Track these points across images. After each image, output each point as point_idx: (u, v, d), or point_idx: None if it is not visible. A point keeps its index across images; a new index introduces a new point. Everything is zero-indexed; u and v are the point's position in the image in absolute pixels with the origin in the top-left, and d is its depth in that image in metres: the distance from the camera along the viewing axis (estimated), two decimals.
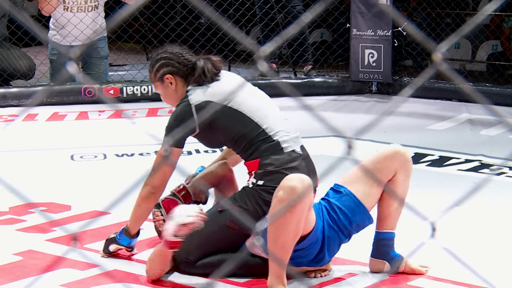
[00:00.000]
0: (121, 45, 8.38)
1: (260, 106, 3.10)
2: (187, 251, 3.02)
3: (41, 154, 5.06)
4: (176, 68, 3.15)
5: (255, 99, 3.13)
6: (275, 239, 2.79)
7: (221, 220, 3.00)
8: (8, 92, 6.67)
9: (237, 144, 3.07)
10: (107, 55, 6.96)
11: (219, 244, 3.01)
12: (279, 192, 2.77)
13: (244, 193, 3.01)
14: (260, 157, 2.99)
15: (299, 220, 2.78)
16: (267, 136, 3.03)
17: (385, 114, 5.41)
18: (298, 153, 3.04)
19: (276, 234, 2.78)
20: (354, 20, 7.04)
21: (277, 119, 3.09)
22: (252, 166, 3.02)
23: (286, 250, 2.81)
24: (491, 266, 3.11)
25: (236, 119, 3.05)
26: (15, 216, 3.74)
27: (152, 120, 6.22)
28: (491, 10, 7.19)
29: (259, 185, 2.97)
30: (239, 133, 3.04)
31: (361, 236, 3.12)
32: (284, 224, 2.77)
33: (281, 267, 2.83)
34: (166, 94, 3.20)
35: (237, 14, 7.41)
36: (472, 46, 8.47)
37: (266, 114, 3.08)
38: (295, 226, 2.78)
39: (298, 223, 2.79)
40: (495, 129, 5.71)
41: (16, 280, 2.98)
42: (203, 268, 3.02)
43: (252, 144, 3.03)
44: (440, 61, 1.28)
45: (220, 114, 3.04)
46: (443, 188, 4.26)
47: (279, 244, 2.79)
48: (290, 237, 2.79)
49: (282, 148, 3.02)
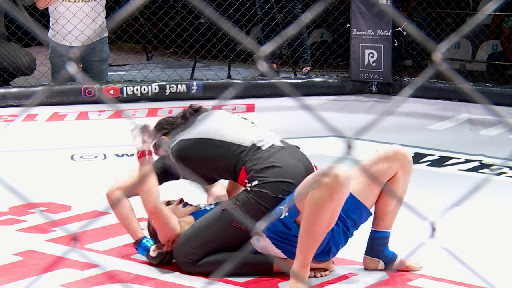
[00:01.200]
0: (121, 45, 8.37)
1: (225, 124, 3.19)
2: (190, 252, 3.03)
3: (41, 154, 5.06)
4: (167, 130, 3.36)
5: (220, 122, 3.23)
6: (309, 227, 2.79)
7: (225, 219, 3.01)
8: (8, 92, 6.67)
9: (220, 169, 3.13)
10: (108, 57, 6.96)
11: (223, 243, 3.02)
12: (323, 178, 2.78)
13: (244, 194, 3.02)
14: (244, 165, 3.04)
15: (336, 209, 2.80)
16: (241, 146, 3.08)
17: (385, 114, 5.41)
18: (278, 146, 3.08)
19: (311, 221, 2.78)
20: (354, 20, 7.04)
21: (245, 129, 3.18)
22: (242, 177, 3.06)
23: (318, 238, 2.81)
24: (491, 266, 3.11)
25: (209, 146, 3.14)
26: (15, 216, 3.74)
27: (152, 120, 6.21)
28: (491, 10, 7.19)
29: (255, 185, 2.99)
30: (216, 157, 3.11)
31: (361, 236, 3.12)
32: (321, 213, 2.76)
33: (308, 255, 2.82)
34: None
35: (237, 14, 7.41)
36: (472, 46, 8.47)
37: (232, 129, 3.16)
38: (331, 215, 2.79)
39: (334, 213, 2.80)
40: (495, 129, 5.71)
41: (16, 280, 2.98)
42: (205, 267, 3.01)
43: (232, 161, 3.08)
44: (440, 61, 1.28)
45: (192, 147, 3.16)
46: (443, 188, 4.26)
47: (314, 231, 2.79)
48: (324, 225, 2.79)
49: (259, 147, 3.06)
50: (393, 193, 3.04)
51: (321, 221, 2.77)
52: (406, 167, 3.05)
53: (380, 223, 3.07)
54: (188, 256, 3.04)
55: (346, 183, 2.78)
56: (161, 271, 3.09)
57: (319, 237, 2.81)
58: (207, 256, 3.03)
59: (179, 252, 3.06)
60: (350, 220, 3.02)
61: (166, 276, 3.04)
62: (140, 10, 8.59)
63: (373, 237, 3.10)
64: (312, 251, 2.83)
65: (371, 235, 3.10)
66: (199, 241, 3.03)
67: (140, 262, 3.18)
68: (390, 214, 3.07)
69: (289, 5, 7.33)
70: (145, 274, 3.04)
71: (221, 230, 3.01)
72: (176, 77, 7.29)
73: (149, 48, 9.40)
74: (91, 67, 6.79)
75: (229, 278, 2.98)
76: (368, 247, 3.11)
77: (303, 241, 2.81)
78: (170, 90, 6.95)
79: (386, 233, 3.09)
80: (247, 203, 2.96)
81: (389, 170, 3.03)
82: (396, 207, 3.07)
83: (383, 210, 3.07)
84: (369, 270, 3.10)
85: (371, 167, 3.03)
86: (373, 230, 3.10)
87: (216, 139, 3.13)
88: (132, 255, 3.25)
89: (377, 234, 3.09)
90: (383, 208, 3.07)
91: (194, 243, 3.03)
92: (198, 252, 3.03)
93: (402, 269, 3.09)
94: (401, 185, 3.04)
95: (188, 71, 7.59)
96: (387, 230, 3.09)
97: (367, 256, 3.12)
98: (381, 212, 3.07)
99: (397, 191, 3.04)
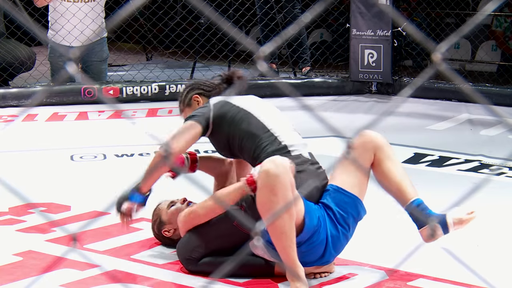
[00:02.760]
0: (121, 45, 8.38)
1: (270, 113, 3.20)
2: (192, 249, 3.02)
3: (41, 154, 5.06)
4: (202, 90, 3.42)
5: (266, 107, 3.25)
6: (272, 228, 2.79)
7: (228, 220, 3.00)
8: (8, 92, 6.67)
9: (245, 144, 3.11)
10: (107, 57, 6.97)
11: (224, 243, 3.02)
12: (258, 182, 2.79)
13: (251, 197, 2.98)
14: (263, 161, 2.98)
15: (286, 199, 2.76)
16: (274, 138, 3.08)
17: (385, 114, 5.41)
18: (305, 158, 3.06)
19: (271, 222, 2.77)
20: (353, 20, 7.04)
21: (285, 127, 3.17)
22: None
23: (287, 234, 2.78)
24: (491, 266, 3.11)
25: (246, 118, 3.14)
26: (15, 216, 3.74)
27: (152, 120, 6.22)
28: (491, 10, 7.19)
29: None
30: (247, 132, 3.10)
31: (361, 236, 3.12)
32: (273, 209, 2.75)
33: (288, 253, 2.80)
34: None
35: (237, 14, 7.41)
36: (472, 46, 8.47)
37: (274, 121, 3.17)
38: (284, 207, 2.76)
39: (286, 203, 2.77)
40: (495, 129, 5.71)
41: (16, 281, 2.98)
42: (206, 267, 3.01)
43: (258, 146, 3.07)
44: (440, 61, 1.28)
45: (233, 111, 3.16)
46: (443, 188, 4.26)
47: (278, 230, 2.78)
48: (285, 220, 2.77)
49: (289, 151, 3.05)
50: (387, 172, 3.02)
51: (278, 219, 2.76)
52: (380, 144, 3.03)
53: (404, 197, 3.00)
54: (190, 253, 3.04)
55: (277, 172, 2.75)
56: (161, 271, 3.09)
57: (288, 232, 2.78)
58: (208, 256, 3.03)
59: (182, 249, 3.07)
60: (348, 215, 3.00)
61: (166, 276, 3.04)
62: (139, 10, 8.59)
63: (411, 212, 3.00)
64: (290, 247, 2.79)
65: (408, 212, 3.01)
66: (201, 239, 3.03)
67: (140, 262, 3.18)
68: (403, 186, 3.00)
69: (289, 5, 7.33)
70: (145, 274, 3.04)
71: (223, 230, 3.01)
72: (176, 77, 7.29)
73: (149, 48, 9.40)
74: (91, 67, 6.79)
75: (229, 279, 2.98)
76: (415, 222, 3.01)
77: (277, 244, 2.81)
78: (170, 90, 6.96)
79: (416, 200, 2.99)
80: (252, 207, 2.94)
81: (365, 154, 3.02)
82: (402, 178, 3.02)
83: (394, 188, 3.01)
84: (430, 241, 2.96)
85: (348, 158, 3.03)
86: (405, 208, 3.01)
87: (261, 121, 3.14)
88: (132, 255, 3.25)
89: (410, 206, 2.99)
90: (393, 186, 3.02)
91: (196, 241, 3.03)
92: (199, 250, 3.03)
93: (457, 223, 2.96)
94: (389, 160, 3.03)
95: (187, 71, 7.59)
96: (415, 197, 3.00)
97: (421, 230, 3.00)
98: (394, 190, 3.01)
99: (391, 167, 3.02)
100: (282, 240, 2.79)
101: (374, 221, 3.11)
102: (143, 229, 3.49)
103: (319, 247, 2.95)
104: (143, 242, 3.38)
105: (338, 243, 3.00)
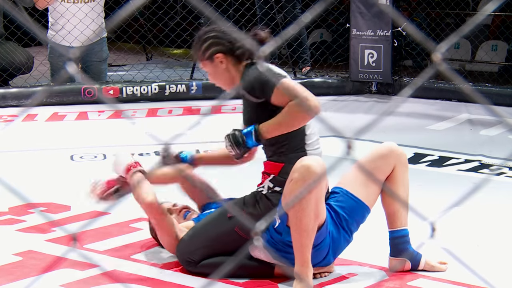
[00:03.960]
0: (121, 45, 8.38)
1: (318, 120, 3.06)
2: (192, 251, 3.01)
3: (41, 154, 5.06)
4: (226, 47, 2.97)
5: None
6: (297, 223, 2.76)
7: (229, 224, 2.98)
8: (8, 92, 6.67)
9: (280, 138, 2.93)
10: (107, 57, 6.96)
11: (225, 247, 2.99)
12: (294, 174, 2.74)
13: (255, 198, 2.98)
14: (285, 163, 2.92)
15: (318, 200, 2.77)
16: (304, 144, 2.97)
17: (385, 114, 5.40)
18: None
19: (297, 217, 2.75)
20: (353, 20, 7.04)
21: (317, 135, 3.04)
22: (273, 168, 2.97)
23: (309, 233, 2.77)
24: (491, 266, 3.11)
25: None
26: (15, 216, 3.74)
27: (152, 120, 6.22)
28: (491, 10, 7.19)
29: (275, 191, 2.94)
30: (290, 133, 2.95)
31: (361, 236, 3.12)
32: (303, 206, 2.74)
33: (305, 252, 2.78)
34: (215, 73, 3.03)
35: (237, 14, 7.41)
36: (472, 46, 8.47)
37: (315, 130, 3.02)
38: (315, 207, 2.76)
39: (317, 204, 2.77)
40: (495, 129, 5.71)
41: (16, 280, 2.97)
42: (206, 269, 3.00)
43: (286, 144, 2.95)
44: (440, 61, 1.28)
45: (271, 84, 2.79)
46: (443, 188, 4.26)
47: (302, 227, 2.75)
48: (311, 218, 2.76)
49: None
50: (392, 191, 3.03)
51: (306, 214, 2.74)
52: (402, 163, 3.03)
53: (394, 222, 3.03)
54: (190, 256, 3.02)
55: (319, 170, 2.73)
56: (161, 271, 3.08)
57: (310, 232, 2.77)
58: (209, 258, 3.02)
59: (182, 251, 3.05)
60: (352, 221, 3.01)
61: (166, 276, 3.04)
62: (139, 10, 8.59)
63: (393, 237, 3.04)
64: (307, 247, 2.79)
65: (390, 236, 3.05)
66: (201, 242, 3.01)
67: (140, 262, 3.18)
68: (400, 211, 3.02)
69: (289, 5, 7.33)
70: (145, 274, 3.04)
71: (223, 235, 2.98)
72: (176, 77, 7.29)
73: (149, 48, 9.40)
74: (90, 67, 6.79)
75: (229, 279, 2.97)
76: (392, 249, 3.05)
77: (296, 240, 2.78)
78: (170, 90, 6.95)
79: (404, 230, 3.03)
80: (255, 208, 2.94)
81: (385, 167, 3.01)
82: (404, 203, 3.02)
83: (391, 209, 3.03)
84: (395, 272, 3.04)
85: (367, 165, 3.03)
86: (390, 231, 3.05)
87: None
88: (132, 255, 3.25)
89: (395, 233, 3.03)
90: (391, 207, 3.03)
91: (196, 244, 3.02)
92: (200, 253, 3.01)
93: (427, 269, 3.05)
94: (401, 181, 3.03)
95: (188, 71, 7.59)
96: (404, 227, 3.03)
97: (392, 258, 3.05)
98: (391, 211, 3.03)
99: (399, 188, 3.02)
100: (303, 238, 2.77)
101: (374, 221, 3.10)
102: (143, 229, 3.49)
103: (324, 251, 2.95)
104: (143, 242, 3.38)
105: (339, 246, 3.00)
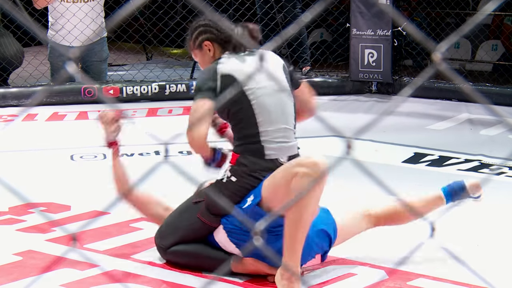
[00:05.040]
0: (121, 45, 8.38)
1: (271, 109, 2.98)
2: (163, 237, 3.11)
3: (41, 154, 5.06)
4: (214, 35, 3.12)
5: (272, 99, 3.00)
6: (297, 218, 2.70)
7: (192, 211, 3.06)
8: (8, 92, 6.67)
9: (233, 128, 3.04)
10: (107, 57, 6.96)
11: (187, 234, 3.06)
12: (300, 169, 2.71)
13: (218, 185, 3.01)
14: (240, 154, 2.97)
15: (319, 199, 2.76)
16: (257, 139, 2.96)
17: (385, 114, 5.41)
18: (281, 163, 2.95)
19: (299, 212, 2.70)
20: (354, 20, 7.04)
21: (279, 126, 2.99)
22: (233, 158, 3.00)
23: (305, 229, 2.74)
24: (491, 266, 3.11)
25: (244, 108, 2.97)
26: (15, 216, 3.74)
27: (152, 120, 6.22)
28: (491, 10, 7.19)
29: (231, 181, 2.97)
30: (239, 121, 2.99)
31: (361, 236, 3.12)
32: (307, 202, 2.71)
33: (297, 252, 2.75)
34: (203, 62, 3.16)
35: (237, 14, 7.41)
36: (472, 46, 8.47)
37: (270, 119, 2.97)
38: (314, 205, 2.75)
39: (317, 202, 2.77)
40: (495, 129, 5.71)
41: (16, 280, 2.97)
42: (174, 256, 3.09)
43: (240, 139, 3.00)
44: (440, 61, 1.28)
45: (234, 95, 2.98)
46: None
47: (302, 223, 2.71)
48: (310, 216, 2.74)
49: (264, 154, 2.95)
50: None
51: (307, 210, 2.72)
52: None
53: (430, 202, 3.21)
54: (160, 242, 3.12)
55: (325, 168, 2.73)
56: (161, 271, 3.08)
57: (307, 228, 2.75)
58: (178, 245, 3.07)
59: (155, 238, 3.16)
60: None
61: (166, 276, 3.04)
62: (140, 10, 8.59)
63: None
64: (301, 243, 2.75)
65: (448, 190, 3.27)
66: (169, 229, 3.10)
67: (140, 262, 3.17)
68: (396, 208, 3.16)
69: (289, 5, 7.33)
70: (145, 274, 3.04)
71: (187, 221, 3.06)
72: (176, 77, 7.29)
73: (149, 48, 9.40)
74: (91, 67, 6.79)
75: (228, 278, 2.97)
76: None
77: (291, 234, 2.73)
78: (170, 90, 6.96)
79: None
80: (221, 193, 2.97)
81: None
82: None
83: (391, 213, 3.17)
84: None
85: None
86: None
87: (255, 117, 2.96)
88: (132, 255, 3.25)
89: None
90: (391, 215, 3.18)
91: (165, 231, 3.11)
92: (168, 239, 3.09)
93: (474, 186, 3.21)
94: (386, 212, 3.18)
95: (188, 71, 7.59)
96: None
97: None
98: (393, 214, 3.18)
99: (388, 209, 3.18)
100: (299, 233, 2.73)
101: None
102: (143, 229, 3.49)
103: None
104: (143, 242, 3.38)
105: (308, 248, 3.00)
